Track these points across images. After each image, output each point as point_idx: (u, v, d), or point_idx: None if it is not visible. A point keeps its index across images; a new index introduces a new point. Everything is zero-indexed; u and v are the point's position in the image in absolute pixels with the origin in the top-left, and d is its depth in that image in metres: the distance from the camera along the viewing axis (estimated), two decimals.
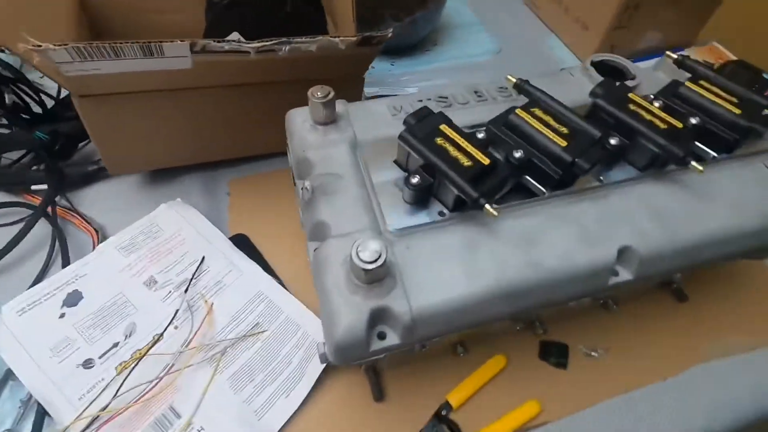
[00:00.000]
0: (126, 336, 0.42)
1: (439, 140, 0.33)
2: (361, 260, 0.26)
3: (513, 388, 0.42)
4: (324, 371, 0.41)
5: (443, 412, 0.40)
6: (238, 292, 0.45)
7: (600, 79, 0.42)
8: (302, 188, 0.33)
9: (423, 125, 0.34)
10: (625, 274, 0.34)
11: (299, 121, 0.38)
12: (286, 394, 0.40)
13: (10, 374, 0.39)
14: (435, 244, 0.31)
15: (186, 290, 0.44)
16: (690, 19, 0.76)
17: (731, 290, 0.50)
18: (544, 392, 0.42)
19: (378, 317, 0.29)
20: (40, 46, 0.32)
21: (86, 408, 0.37)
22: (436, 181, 0.32)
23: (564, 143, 0.33)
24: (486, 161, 0.32)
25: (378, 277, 0.28)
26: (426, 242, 0.31)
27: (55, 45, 0.33)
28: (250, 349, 0.42)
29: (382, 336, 0.29)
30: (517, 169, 0.33)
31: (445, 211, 0.33)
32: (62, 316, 0.42)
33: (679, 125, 0.35)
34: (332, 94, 0.35)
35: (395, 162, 0.36)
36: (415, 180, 0.31)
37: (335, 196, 0.33)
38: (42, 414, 0.37)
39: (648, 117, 0.36)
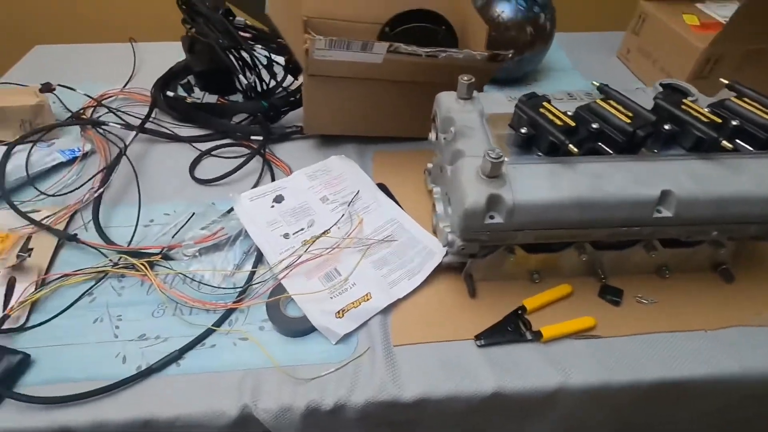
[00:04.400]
0: (308, 226, 0.63)
1: (541, 109, 0.51)
2: (491, 157, 0.44)
3: (574, 309, 0.56)
4: (435, 271, 0.58)
5: (519, 312, 0.55)
6: (378, 215, 0.65)
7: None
8: (447, 132, 0.53)
9: (531, 102, 0.52)
10: (666, 212, 0.48)
11: (446, 96, 0.58)
12: (409, 278, 0.58)
13: (241, 233, 0.62)
14: (532, 170, 0.49)
15: (348, 205, 0.65)
16: None
17: None
18: (599, 317, 0.55)
19: (492, 203, 0.47)
20: (312, 36, 0.57)
21: (285, 259, 0.58)
22: (536, 133, 0.50)
23: (628, 121, 0.49)
24: (572, 124, 0.49)
25: (497, 172, 0.46)
26: (526, 168, 0.49)
27: (319, 36, 0.57)
28: (386, 249, 0.61)
29: (492, 217, 0.47)
30: (593, 135, 0.50)
31: (540, 154, 0.50)
32: (272, 206, 0.65)
33: (719, 121, 0.50)
34: (473, 79, 0.55)
35: (509, 125, 0.54)
36: (523, 130, 0.50)
37: (469, 138, 0.52)
38: (260, 257, 0.59)
39: (696, 114, 0.51)
